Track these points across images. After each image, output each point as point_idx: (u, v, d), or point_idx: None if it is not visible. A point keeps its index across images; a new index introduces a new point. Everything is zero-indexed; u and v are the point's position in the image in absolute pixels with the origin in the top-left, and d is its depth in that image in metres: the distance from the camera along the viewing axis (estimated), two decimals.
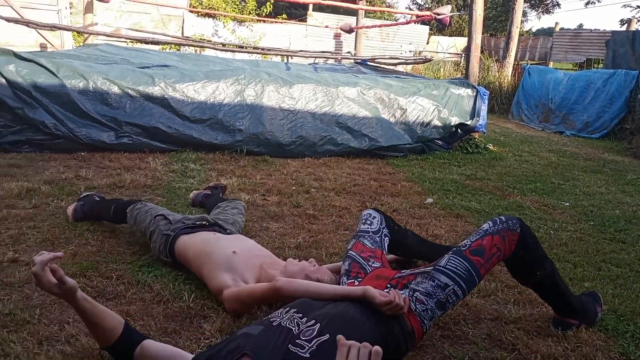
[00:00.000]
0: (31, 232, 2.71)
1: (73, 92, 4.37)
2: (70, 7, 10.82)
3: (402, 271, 1.95)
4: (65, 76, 4.40)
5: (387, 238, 2.29)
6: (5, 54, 4.53)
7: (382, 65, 9.28)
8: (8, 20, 5.72)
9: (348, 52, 12.65)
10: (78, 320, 1.91)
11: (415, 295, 1.81)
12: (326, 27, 14.94)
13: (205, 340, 1.85)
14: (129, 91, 4.54)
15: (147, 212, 2.59)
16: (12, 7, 7.71)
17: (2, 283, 2.15)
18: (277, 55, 10.85)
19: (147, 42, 6.88)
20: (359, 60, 9.38)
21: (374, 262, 2.09)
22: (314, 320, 1.56)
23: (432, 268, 1.85)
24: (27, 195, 3.26)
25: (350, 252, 2.15)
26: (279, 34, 15.47)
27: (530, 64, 12.41)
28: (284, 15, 15.98)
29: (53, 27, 6.02)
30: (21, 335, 1.79)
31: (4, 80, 4.26)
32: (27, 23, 5.86)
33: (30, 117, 4.25)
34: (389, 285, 1.88)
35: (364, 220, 2.31)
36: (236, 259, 2.15)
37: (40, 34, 8.52)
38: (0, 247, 2.50)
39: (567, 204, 4.16)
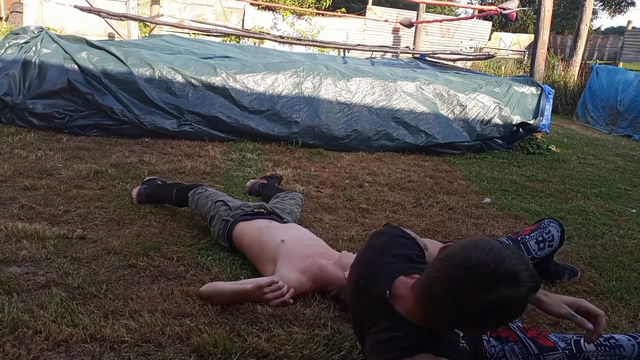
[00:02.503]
0: (98, 212, 2.84)
1: (140, 80, 4.54)
2: None
3: None
4: (133, 64, 4.57)
5: None
6: (78, 42, 4.77)
7: (441, 61, 9.11)
8: (82, 9, 6.01)
9: (406, 47, 12.48)
10: (141, 297, 2.00)
11: None
12: (385, 21, 14.81)
13: (259, 324, 1.89)
14: (192, 81, 4.67)
15: (207, 197, 2.67)
16: None
17: (72, 258, 2.28)
18: (334, 48, 10.86)
19: (210, 33, 7.05)
20: (417, 55, 9.24)
21: None
22: None
23: None
24: (95, 177, 3.43)
25: None
26: (337, 27, 15.48)
27: (599, 64, 11.84)
28: (343, 9, 15.97)
29: (122, 17, 6.27)
30: (88, 308, 1.89)
31: (76, 67, 4.48)
32: (99, 12, 6.14)
33: (99, 102, 4.45)
34: None
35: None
36: (283, 247, 2.18)
37: (109, 24, 8.90)
38: (70, 225, 2.65)
39: (634, 210, 3.96)
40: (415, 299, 1.35)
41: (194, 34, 10.69)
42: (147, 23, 9.03)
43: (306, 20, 14.98)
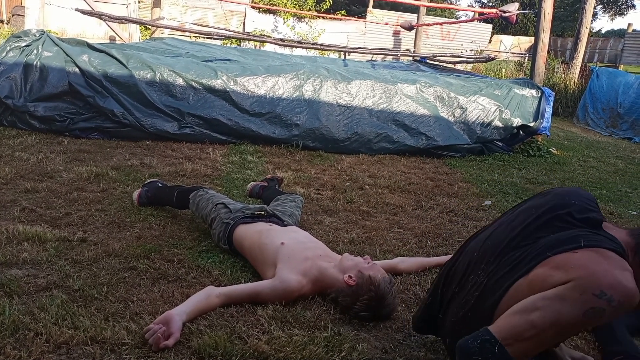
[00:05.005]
0: (99, 215, 2.85)
1: (141, 82, 4.55)
2: (139, 2, 11.27)
3: None
4: (134, 67, 4.59)
5: None
6: (79, 45, 4.78)
7: (442, 64, 9.13)
8: (83, 12, 6.03)
9: (407, 50, 12.51)
10: (142, 299, 2.00)
11: None
12: (386, 24, 14.85)
13: (260, 326, 1.89)
14: (193, 83, 4.68)
15: (208, 199, 2.68)
16: (85, 1, 8.11)
17: (72, 261, 2.28)
18: (335, 51, 10.89)
19: (211, 36, 7.07)
20: (417, 58, 9.26)
21: None
22: None
23: None
24: (96, 179, 3.43)
25: None
26: (338, 30, 15.51)
27: (599, 66, 11.85)
28: (343, 12, 16.00)
29: (124, 20, 6.29)
30: (89, 310, 1.90)
31: (77, 70, 4.49)
32: (100, 15, 6.16)
33: (100, 105, 4.46)
34: None
35: None
36: (283, 250, 2.18)
37: (110, 27, 8.93)
38: (71, 227, 2.65)
39: (635, 212, 3.96)
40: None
41: (195, 36, 10.72)
42: (148, 26, 9.07)
43: (307, 23, 15.02)
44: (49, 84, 4.45)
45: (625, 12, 32.03)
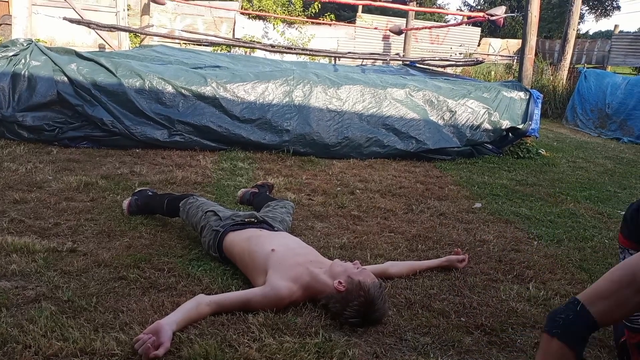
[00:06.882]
0: (89, 224, 2.83)
1: (130, 90, 4.54)
2: (128, 9, 11.25)
3: None
4: (123, 75, 4.58)
5: None
6: (67, 53, 4.77)
7: (431, 67, 9.18)
8: (71, 21, 6.01)
9: (397, 54, 12.57)
10: (132, 309, 1.99)
11: None
12: (375, 28, 14.90)
13: (250, 334, 1.89)
14: (183, 91, 4.67)
15: (198, 207, 2.67)
16: (74, 9, 8.09)
17: (62, 271, 2.26)
18: (325, 56, 10.91)
19: (200, 43, 7.07)
20: (407, 62, 9.30)
21: None
22: None
23: None
24: (85, 189, 3.42)
25: None
26: (328, 35, 15.55)
27: (587, 68, 11.96)
28: (332, 16, 16.05)
29: (112, 28, 6.28)
30: (78, 322, 1.88)
31: (66, 79, 4.48)
32: (88, 24, 6.15)
33: (89, 114, 4.45)
34: None
35: None
36: (274, 256, 2.18)
37: (99, 35, 8.91)
38: (60, 238, 2.64)
39: (623, 212, 3.99)
40: None
41: (185, 44, 10.71)
42: (137, 34, 9.05)
43: (297, 28, 15.04)
44: (38, 93, 4.43)
45: (610, 14, 32.34)
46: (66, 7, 8.98)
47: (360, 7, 17.47)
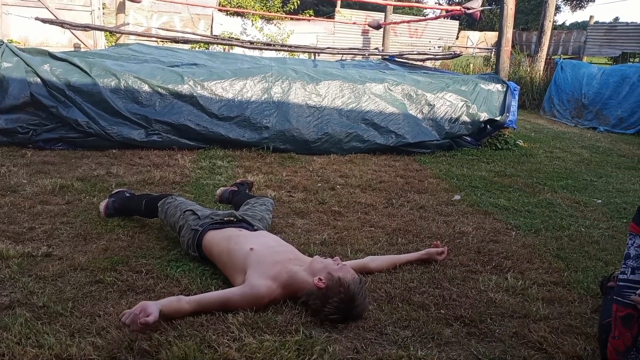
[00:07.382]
0: (64, 228, 2.79)
1: (105, 90, 4.47)
2: (103, 8, 11.07)
3: None
4: (98, 75, 4.50)
5: None
6: (40, 54, 4.67)
7: (410, 61, 9.21)
8: (44, 21, 5.90)
9: (376, 49, 12.58)
10: (109, 313, 1.96)
11: None
12: (354, 23, 14.90)
13: (230, 334, 1.88)
14: (159, 89, 4.62)
15: (177, 206, 2.65)
16: (47, 9, 7.94)
17: (37, 277, 2.23)
18: (304, 52, 10.88)
19: (177, 41, 6.98)
20: (386, 57, 9.32)
21: None
22: None
23: None
24: (61, 191, 3.36)
25: None
26: (306, 31, 15.50)
27: (563, 59, 12.11)
28: (311, 12, 16.00)
29: (86, 28, 6.18)
30: (54, 327, 1.85)
31: (39, 80, 4.39)
32: (62, 24, 6.03)
33: (64, 115, 4.37)
34: None
35: None
36: (252, 255, 2.17)
37: (74, 34, 8.76)
38: (35, 242, 2.59)
39: (600, 201, 4.06)
40: None
41: (162, 41, 10.58)
42: (113, 32, 8.92)
43: (275, 24, 14.96)
44: (10, 95, 4.33)
45: (584, 5, 32.77)
46: (39, 7, 8.80)
47: (339, 2, 17.47)
